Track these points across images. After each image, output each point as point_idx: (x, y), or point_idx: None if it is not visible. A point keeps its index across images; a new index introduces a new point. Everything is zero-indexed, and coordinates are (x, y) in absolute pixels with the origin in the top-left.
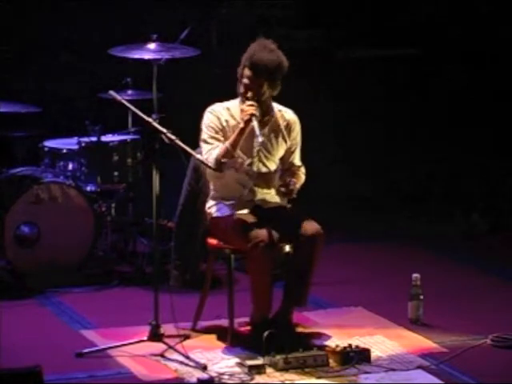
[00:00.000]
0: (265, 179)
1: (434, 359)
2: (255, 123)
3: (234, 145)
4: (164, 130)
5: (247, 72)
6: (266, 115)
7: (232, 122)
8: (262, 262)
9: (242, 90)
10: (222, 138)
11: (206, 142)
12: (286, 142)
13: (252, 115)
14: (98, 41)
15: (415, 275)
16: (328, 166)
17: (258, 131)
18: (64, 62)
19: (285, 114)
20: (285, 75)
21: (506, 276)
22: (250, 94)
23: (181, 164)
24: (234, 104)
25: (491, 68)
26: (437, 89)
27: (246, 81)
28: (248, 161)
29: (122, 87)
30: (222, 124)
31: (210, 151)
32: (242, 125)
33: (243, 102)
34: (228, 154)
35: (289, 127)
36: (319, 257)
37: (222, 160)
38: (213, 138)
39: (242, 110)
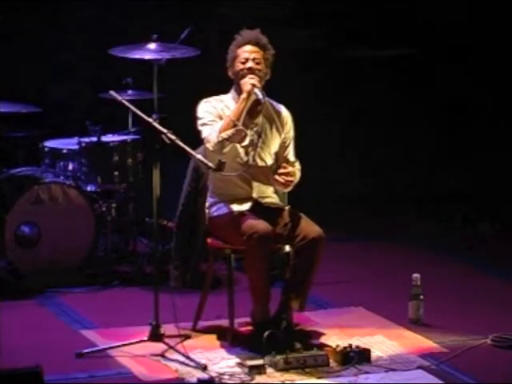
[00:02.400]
0: (263, 173)
1: (434, 359)
2: (257, 90)
3: (236, 115)
4: (164, 130)
5: (243, 48)
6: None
7: (227, 112)
8: (257, 253)
9: (239, 66)
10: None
11: (205, 124)
12: (279, 133)
13: (254, 85)
14: (98, 41)
15: (415, 275)
16: (328, 165)
17: (260, 95)
18: (64, 61)
19: (276, 106)
20: (272, 66)
21: (506, 276)
22: (250, 64)
23: (181, 164)
24: (227, 97)
25: (491, 68)
26: (436, 89)
27: (244, 55)
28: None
29: (122, 87)
30: (218, 112)
31: (212, 127)
32: (244, 95)
33: (241, 78)
34: (231, 125)
35: (282, 119)
36: (320, 260)
37: (224, 135)
38: (212, 120)
39: (243, 84)
